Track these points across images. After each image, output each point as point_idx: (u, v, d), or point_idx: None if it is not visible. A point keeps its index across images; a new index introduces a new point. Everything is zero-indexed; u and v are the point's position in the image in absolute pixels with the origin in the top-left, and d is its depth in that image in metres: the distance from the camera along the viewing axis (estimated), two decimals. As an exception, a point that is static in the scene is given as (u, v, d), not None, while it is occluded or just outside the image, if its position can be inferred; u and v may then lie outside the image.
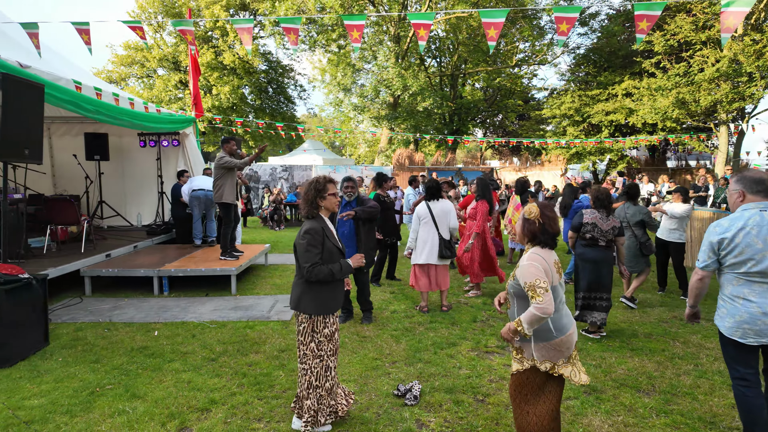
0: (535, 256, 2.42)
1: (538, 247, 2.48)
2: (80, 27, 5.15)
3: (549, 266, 2.40)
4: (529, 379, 2.47)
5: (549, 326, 2.42)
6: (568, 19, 3.87)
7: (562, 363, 2.45)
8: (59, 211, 7.06)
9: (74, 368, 3.92)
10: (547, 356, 2.42)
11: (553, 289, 2.41)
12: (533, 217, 2.48)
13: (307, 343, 2.95)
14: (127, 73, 26.04)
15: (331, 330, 2.99)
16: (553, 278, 2.40)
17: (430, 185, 5.70)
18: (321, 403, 2.96)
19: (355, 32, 4.50)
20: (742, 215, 2.61)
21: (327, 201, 3.01)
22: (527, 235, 2.51)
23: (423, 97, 21.00)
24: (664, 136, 17.44)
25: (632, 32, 20.80)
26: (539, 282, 2.30)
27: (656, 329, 5.08)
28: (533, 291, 2.31)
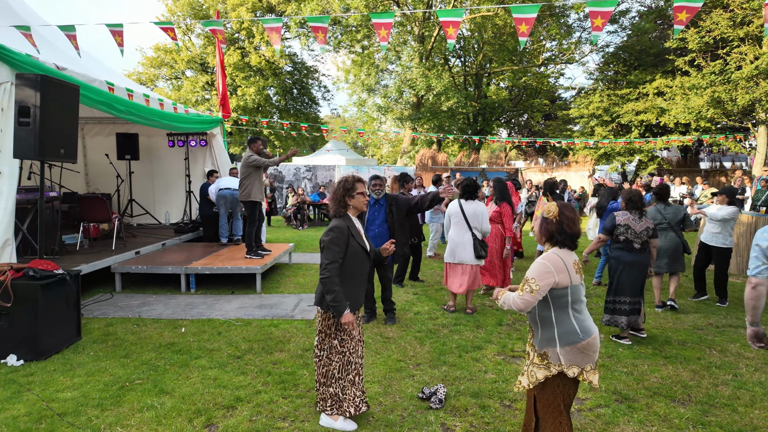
0: (553, 256, 2.36)
1: (557, 247, 2.42)
2: (114, 29, 5.28)
3: (567, 267, 2.34)
4: (561, 387, 2.37)
5: (575, 328, 2.35)
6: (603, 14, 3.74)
7: (590, 369, 2.36)
8: (91, 209, 7.27)
9: (105, 362, 4.02)
10: (574, 360, 2.33)
11: (575, 290, 2.36)
12: (551, 216, 2.41)
13: (331, 339, 3.00)
14: (156, 75, 26.72)
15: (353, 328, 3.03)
16: (572, 278, 2.34)
17: (467, 184, 5.56)
18: (345, 393, 3.02)
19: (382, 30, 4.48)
20: None
21: (355, 200, 3.02)
22: (545, 235, 2.45)
23: (447, 97, 20.85)
24: (698, 136, 16.84)
25: (664, 29, 20.21)
26: (532, 282, 2.30)
27: (691, 336, 4.89)
28: (523, 283, 2.34)
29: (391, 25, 4.62)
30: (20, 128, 4.33)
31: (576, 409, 3.36)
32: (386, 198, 5.18)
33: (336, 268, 2.87)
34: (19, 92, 4.38)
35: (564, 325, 2.35)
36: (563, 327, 2.35)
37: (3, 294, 3.97)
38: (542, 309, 2.40)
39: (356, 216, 3.10)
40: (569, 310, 2.35)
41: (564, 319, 2.35)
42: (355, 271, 3.00)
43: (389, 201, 5.18)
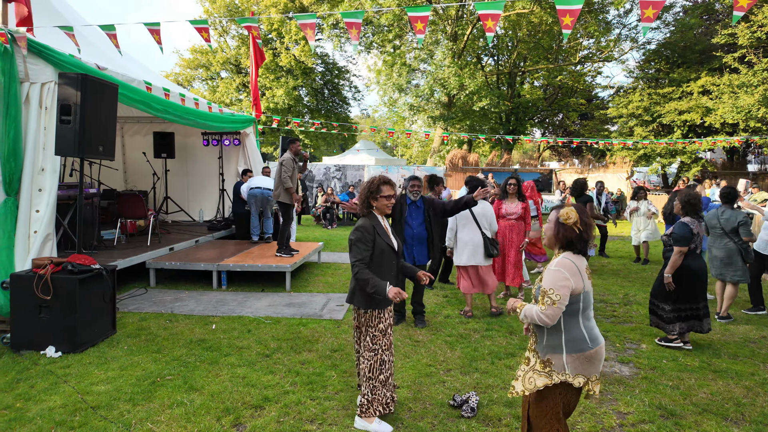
0: (568, 262, 2.22)
1: (571, 252, 2.27)
2: (152, 28, 5.39)
3: (581, 272, 2.23)
4: (562, 396, 2.25)
5: (584, 335, 2.22)
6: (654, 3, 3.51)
7: (595, 379, 2.25)
8: (129, 206, 7.47)
9: (138, 357, 4.07)
10: (580, 369, 2.21)
11: (586, 296, 2.24)
12: (571, 223, 2.24)
13: (364, 335, 3.02)
14: (192, 76, 27.44)
15: (386, 325, 3.02)
16: (585, 285, 2.23)
17: (469, 182, 5.63)
18: (375, 394, 2.99)
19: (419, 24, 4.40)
20: None
21: (378, 202, 3.02)
22: (561, 241, 2.29)
23: (479, 97, 20.51)
24: (747, 137, 15.94)
25: (711, 25, 19.24)
26: (552, 292, 2.16)
27: (742, 350, 4.56)
28: (542, 296, 2.19)
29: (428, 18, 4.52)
30: (62, 126, 4.45)
31: (618, 424, 3.17)
32: (423, 200, 5.07)
33: (364, 264, 2.89)
34: (61, 91, 4.51)
35: (572, 332, 2.23)
36: (571, 334, 2.23)
37: (43, 287, 4.08)
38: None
39: (383, 215, 3.10)
40: (579, 317, 2.24)
41: (573, 326, 2.24)
42: (383, 268, 3.00)
43: (426, 204, 5.06)
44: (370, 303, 2.96)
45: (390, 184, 3.06)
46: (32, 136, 4.76)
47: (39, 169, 4.83)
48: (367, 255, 2.91)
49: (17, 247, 4.62)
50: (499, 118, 24.50)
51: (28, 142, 4.75)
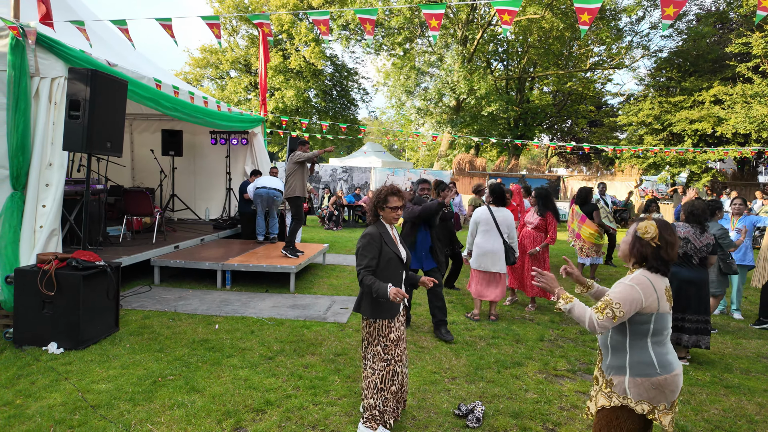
0: (644, 279, 2.07)
1: (650, 271, 2.12)
2: (164, 23, 5.38)
3: (658, 293, 2.06)
4: (619, 421, 2.09)
5: (652, 360, 2.06)
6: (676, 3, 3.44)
7: (664, 409, 2.06)
8: (135, 203, 7.46)
9: (140, 356, 4.03)
10: (645, 396, 2.04)
11: (659, 318, 2.07)
12: (648, 238, 2.10)
13: (374, 345, 2.95)
14: (201, 75, 27.56)
15: (397, 335, 2.96)
16: (660, 306, 2.06)
17: (495, 189, 5.45)
18: (386, 405, 2.93)
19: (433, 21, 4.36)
20: None
21: (385, 213, 3.00)
22: (636, 257, 2.15)
23: (488, 101, 20.42)
24: (759, 147, 15.75)
25: (725, 34, 19.06)
26: (617, 307, 2.02)
27: (755, 365, 4.46)
28: (605, 305, 2.04)
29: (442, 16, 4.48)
30: (70, 121, 4.44)
31: (627, 439, 3.08)
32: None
33: (370, 271, 2.86)
34: (70, 86, 4.49)
35: (638, 355, 2.08)
36: (637, 356, 2.07)
37: (47, 283, 4.06)
38: (616, 333, 2.14)
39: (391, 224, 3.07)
40: (648, 340, 2.08)
41: (639, 348, 2.08)
42: (389, 277, 2.94)
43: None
44: (377, 312, 2.92)
45: (398, 195, 3.00)
46: (41, 131, 4.75)
47: (47, 163, 4.81)
48: (374, 263, 2.87)
49: (22, 242, 4.60)
50: (507, 123, 24.40)
51: (37, 137, 4.74)
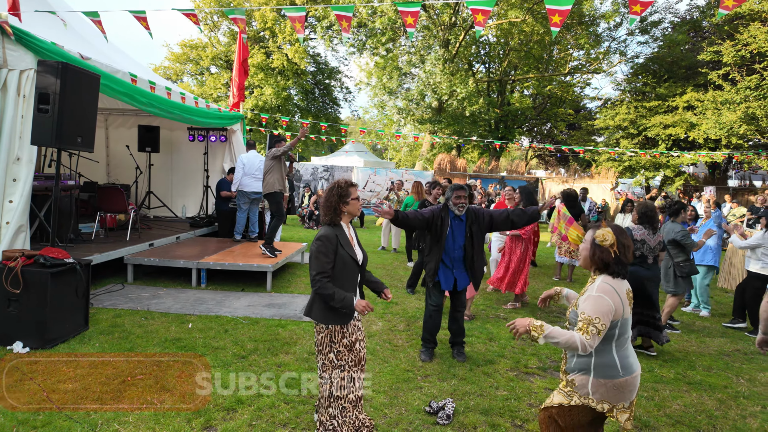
0: (608, 287, 2.13)
1: (609, 276, 2.18)
2: (138, 15, 5.29)
3: (621, 298, 2.13)
4: (576, 418, 2.16)
5: (615, 362, 2.13)
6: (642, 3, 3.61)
7: (622, 407, 2.14)
8: (109, 199, 7.31)
9: (109, 355, 3.96)
10: (607, 396, 2.12)
11: (624, 323, 2.15)
12: (607, 245, 2.17)
13: (325, 353, 2.75)
14: (181, 70, 27.13)
15: (351, 340, 2.77)
16: (624, 311, 2.14)
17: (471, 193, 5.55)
18: (345, 416, 2.72)
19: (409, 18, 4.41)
20: None
21: (350, 206, 2.85)
22: (597, 263, 2.21)
23: (470, 103, 20.62)
24: (729, 153, 16.29)
25: (698, 42, 19.64)
26: (597, 322, 2.05)
27: (717, 362, 4.63)
28: (586, 325, 2.05)
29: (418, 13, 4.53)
30: (39, 115, 4.34)
31: (592, 434, 3.17)
32: (467, 213, 4.20)
33: (327, 277, 2.70)
34: (40, 79, 4.39)
35: (603, 358, 2.15)
36: (602, 359, 2.14)
37: (13, 280, 3.95)
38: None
39: (349, 222, 2.93)
40: (612, 343, 2.15)
41: (605, 352, 2.15)
42: (344, 281, 2.78)
43: (470, 217, 4.19)
44: (330, 317, 2.74)
45: (355, 186, 2.91)
46: (8, 124, 4.63)
47: (14, 158, 4.70)
48: (329, 267, 2.71)
49: (-12, 238, 4.48)
50: (488, 125, 24.66)
51: (4, 130, 4.62)
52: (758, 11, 15.23)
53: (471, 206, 4.25)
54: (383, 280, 7.54)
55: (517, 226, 4.23)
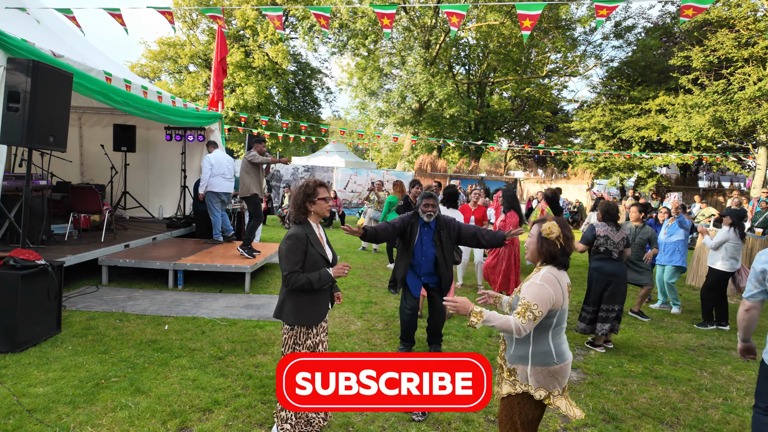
0: (551, 277, 2.22)
1: (554, 267, 2.28)
2: (112, 12, 5.22)
3: (563, 290, 2.23)
4: (521, 406, 2.27)
5: (550, 350, 2.23)
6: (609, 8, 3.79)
7: (558, 394, 2.25)
8: (82, 200, 7.17)
9: (82, 358, 3.91)
10: (543, 383, 2.23)
11: (561, 313, 2.25)
12: (554, 238, 2.26)
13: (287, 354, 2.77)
14: (159, 68, 26.67)
15: (315, 341, 2.82)
16: (564, 302, 2.24)
17: (450, 192, 5.64)
18: (298, 417, 2.80)
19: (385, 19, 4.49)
20: None
21: (317, 206, 2.84)
22: (544, 255, 2.30)
23: (449, 104, 20.83)
24: (699, 155, 16.84)
25: (669, 47, 20.24)
26: (536, 308, 2.14)
27: (683, 357, 4.81)
28: (524, 309, 2.14)
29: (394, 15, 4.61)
30: (9, 114, 4.25)
31: (562, 427, 3.28)
32: (437, 221, 4.21)
33: (297, 276, 2.71)
34: (10, 77, 4.30)
35: (540, 345, 2.24)
36: (538, 347, 2.24)
37: (-19, 282, 3.87)
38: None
39: (318, 222, 2.93)
40: (549, 332, 2.25)
41: (541, 340, 2.25)
42: None
43: (439, 224, 4.21)
44: (300, 318, 2.77)
45: (325, 186, 2.91)
46: (-24, 123, 4.51)
47: (-18, 158, 4.58)
48: (298, 267, 2.72)
49: (-45, 240, 4.36)
50: (468, 127, 24.94)
51: (-28, 129, 4.50)
52: (726, 18, 15.78)
53: (442, 216, 4.29)
54: (363, 281, 7.62)
55: (482, 246, 4.23)
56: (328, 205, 2.89)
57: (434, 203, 4.17)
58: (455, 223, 4.23)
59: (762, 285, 2.49)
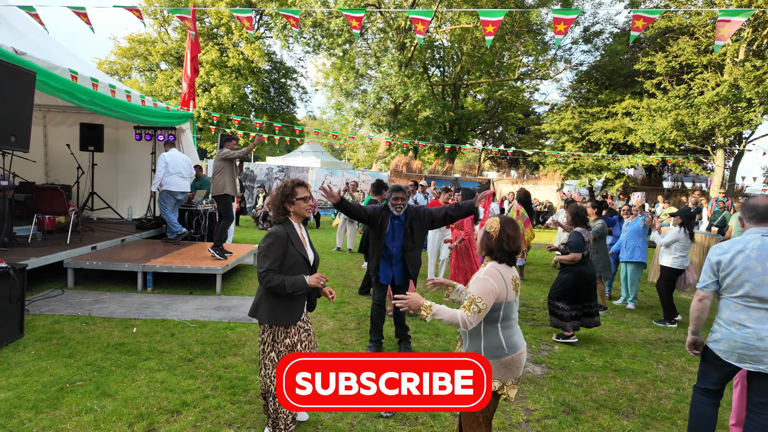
0: (494, 271, 2.34)
1: (497, 262, 2.40)
2: (77, 11, 5.12)
3: (506, 283, 2.34)
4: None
5: (501, 342, 2.34)
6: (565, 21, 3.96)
7: (511, 384, 2.36)
8: (47, 201, 6.99)
9: (46, 362, 3.84)
10: (497, 375, 2.33)
11: (507, 306, 2.35)
12: (492, 232, 2.40)
13: (267, 352, 2.82)
14: (129, 65, 26.02)
15: (293, 341, 2.84)
16: (508, 295, 2.34)
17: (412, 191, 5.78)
18: (281, 411, 2.84)
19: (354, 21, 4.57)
20: (743, 239, 2.65)
21: (296, 206, 2.82)
22: (485, 249, 2.44)
23: (424, 106, 21.04)
24: (662, 156, 17.51)
25: (635, 52, 20.95)
26: (480, 301, 2.24)
27: (641, 350, 5.04)
28: (470, 303, 2.25)
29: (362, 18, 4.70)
30: (-32, 113, 4.13)
31: (524, 419, 3.41)
32: (406, 213, 4.37)
33: (273, 275, 2.70)
34: (-32, 75, 4.18)
35: (491, 339, 2.34)
36: (490, 341, 2.34)
37: (-62, 287, 3.75)
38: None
39: (299, 222, 2.93)
40: (498, 325, 2.35)
41: (492, 333, 2.35)
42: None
43: (409, 217, 4.36)
44: (275, 318, 2.78)
45: (305, 185, 2.87)
46: (-68, 122, 4.37)
47: (-61, 158, 4.43)
48: (276, 266, 2.69)
49: None
50: (443, 128, 25.23)
51: (-73, 129, 4.36)
52: (686, 25, 16.46)
53: (412, 206, 4.44)
54: (337, 281, 7.66)
55: (455, 219, 4.41)
56: (307, 204, 2.86)
57: (403, 197, 4.32)
58: (425, 210, 4.41)
59: (715, 276, 2.67)
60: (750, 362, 2.57)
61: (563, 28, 3.92)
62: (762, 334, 2.52)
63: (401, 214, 4.33)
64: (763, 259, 2.52)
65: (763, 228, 2.63)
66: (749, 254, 2.56)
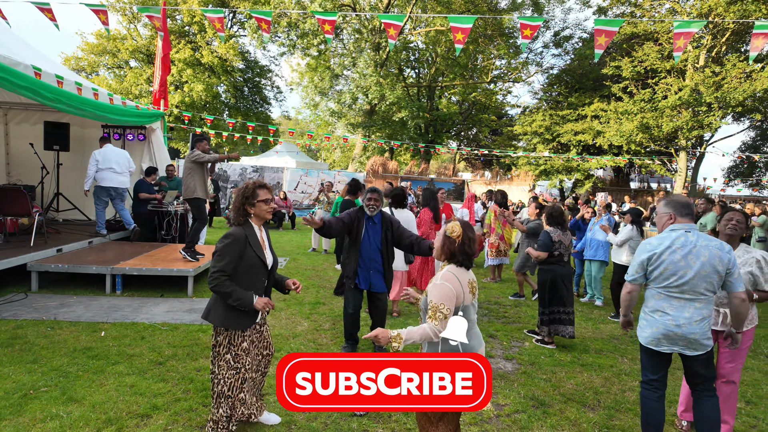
0: (450, 275, 2.34)
1: (454, 265, 2.41)
2: (42, 6, 4.98)
3: (462, 286, 2.35)
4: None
5: (458, 347, 2.33)
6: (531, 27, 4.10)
7: None
8: (9, 202, 6.74)
9: (8, 368, 3.72)
10: None
11: (465, 309, 2.36)
12: (455, 236, 2.40)
13: (222, 354, 2.79)
14: (97, 62, 25.27)
15: (249, 343, 2.86)
16: (465, 298, 2.35)
17: (397, 193, 5.76)
18: (234, 410, 2.84)
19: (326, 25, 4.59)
20: (670, 235, 2.87)
21: (256, 208, 2.79)
22: (446, 253, 2.44)
23: (399, 107, 21.17)
24: (629, 158, 18.10)
25: (603, 57, 21.62)
26: (443, 307, 2.26)
27: (607, 345, 5.22)
28: (434, 312, 2.26)
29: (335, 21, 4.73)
30: None
31: (495, 414, 3.50)
32: (382, 217, 4.35)
33: (224, 277, 2.68)
34: (-77, 71, 4.01)
35: (448, 344, 2.34)
36: (447, 345, 2.34)
37: None
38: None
39: (261, 225, 2.90)
40: None
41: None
42: (250, 284, 2.78)
43: (385, 222, 4.34)
44: (229, 321, 2.75)
45: (266, 187, 2.83)
46: None
47: None
48: (230, 267, 2.67)
49: None
50: (418, 129, 25.43)
51: None
52: (651, 32, 17.08)
53: (389, 216, 4.41)
54: (312, 282, 7.64)
55: (414, 253, 4.34)
56: (268, 207, 2.82)
57: (377, 197, 4.30)
58: (399, 228, 4.36)
59: (643, 270, 2.91)
60: (668, 345, 2.85)
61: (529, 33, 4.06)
62: (680, 321, 2.80)
63: (375, 214, 4.32)
64: (685, 254, 2.77)
65: (688, 224, 2.86)
66: (675, 249, 2.80)
